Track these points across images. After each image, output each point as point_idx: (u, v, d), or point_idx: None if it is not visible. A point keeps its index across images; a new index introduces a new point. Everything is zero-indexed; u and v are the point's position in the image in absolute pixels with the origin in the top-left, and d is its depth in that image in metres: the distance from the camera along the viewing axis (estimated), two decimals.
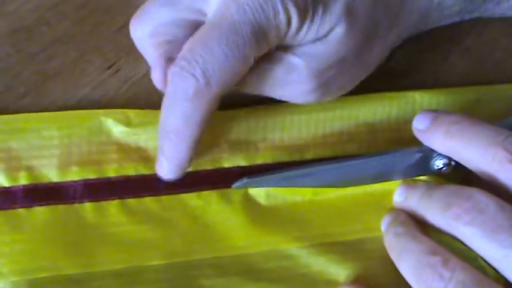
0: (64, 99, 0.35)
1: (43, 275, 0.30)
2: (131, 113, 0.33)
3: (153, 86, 0.36)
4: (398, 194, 0.33)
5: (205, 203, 0.33)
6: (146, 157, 0.33)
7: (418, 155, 0.32)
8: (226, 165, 0.34)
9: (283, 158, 0.35)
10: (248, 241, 0.32)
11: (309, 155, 0.35)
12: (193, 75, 0.27)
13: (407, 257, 0.29)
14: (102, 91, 0.36)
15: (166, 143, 0.29)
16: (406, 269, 0.29)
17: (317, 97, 0.31)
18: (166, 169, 0.30)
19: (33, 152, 0.32)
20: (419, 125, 0.31)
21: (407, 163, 0.33)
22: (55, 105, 0.35)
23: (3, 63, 0.35)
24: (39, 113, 0.33)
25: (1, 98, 0.35)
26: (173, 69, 0.28)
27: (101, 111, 0.33)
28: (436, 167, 0.32)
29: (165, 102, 0.29)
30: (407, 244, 0.29)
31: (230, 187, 0.34)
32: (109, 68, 0.36)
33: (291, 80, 0.30)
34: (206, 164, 0.34)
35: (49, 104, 0.35)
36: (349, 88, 0.33)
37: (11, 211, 0.31)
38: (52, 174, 0.32)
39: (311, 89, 0.30)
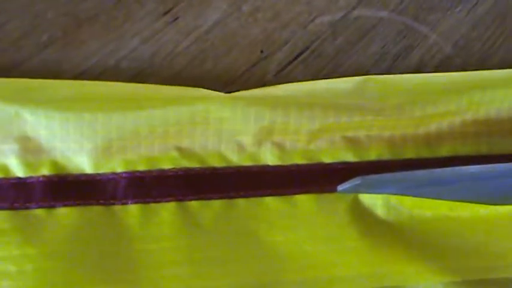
0: (101, 55, 0.26)
1: None
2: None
3: (226, 42, 0.26)
4: None
5: (298, 210, 0.24)
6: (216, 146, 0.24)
7: None
8: (327, 159, 0.24)
9: (407, 153, 0.25)
10: (361, 270, 0.23)
11: (442, 151, 0.25)
12: None
13: None
14: (155, 45, 0.26)
15: None
16: None
17: None
18: None
19: (59, 132, 0.22)
20: None
21: None
22: (88, 62, 0.26)
23: None
24: (67, 81, 0.24)
25: (15, 48, 0.25)
26: None
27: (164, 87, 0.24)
28: None
29: None
30: None
31: (333, 190, 0.24)
32: (165, 14, 0.27)
33: None
34: (298, 157, 0.24)
35: (80, 60, 0.26)
36: None
37: (24, 212, 0.22)
38: (85, 163, 0.23)
39: None
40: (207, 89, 0.25)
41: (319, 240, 0.23)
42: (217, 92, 0.24)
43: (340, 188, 0.24)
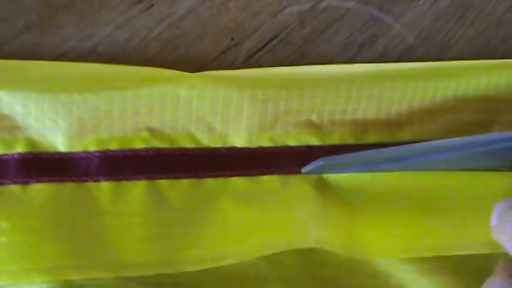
0: (77, 40, 0.27)
1: (38, 279, 0.22)
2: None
3: (198, 29, 0.27)
4: None
5: (263, 190, 0.25)
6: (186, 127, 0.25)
7: None
8: (292, 142, 0.26)
9: (368, 138, 0.26)
10: (308, 238, 0.24)
11: (403, 136, 0.26)
12: None
13: None
14: (129, 32, 0.27)
15: None
16: None
17: None
18: None
19: (34, 111, 0.23)
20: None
21: None
22: (64, 46, 0.27)
23: None
24: (43, 62, 0.25)
25: None
26: None
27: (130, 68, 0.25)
28: None
29: None
30: None
31: (298, 172, 0.25)
32: (140, 1, 0.27)
33: None
34: (265, 140, 0.25)
35: (56, 44, 0.27)
36: None
37: None
38: (59, 142, 0.24)
39: None
40: None
41: (283, 215, 0.24)
42: (187, 73, 0.25)
43: (304, 169, 0.25)
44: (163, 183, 0.24)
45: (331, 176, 0.26)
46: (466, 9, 0.30)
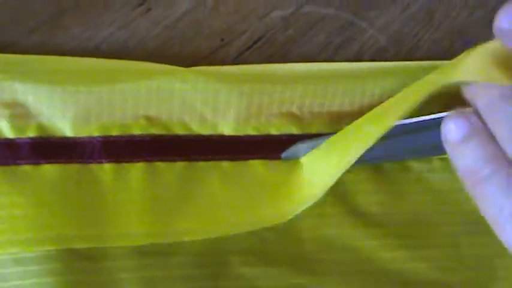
0: (82, 39, 0.29)
1: (47, 247, 0.25)
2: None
3: (191, 31, 0.30)
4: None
5: (248, 172, 0.28)
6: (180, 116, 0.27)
7: None
8: (274, 132, 0.28)
9: (342, 128, 0.29)
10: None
11: None
12: None
13: None
14: (129, 32, 0.30)
15: None
16: None
17: None
18: None
19: (45, 100, 0.26)
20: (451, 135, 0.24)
21: None
22: (70, 44, 0.29)
23: None
24: (53, 57, 0.28)
25: (5, 31, 0.29)
26: None
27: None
28: None
29: None
30: None
31: (278, 157, 0.28)
32: (140, 5, 0.30)
33: None
34: (250, 129, 0.28)
35: (63, 43, 0.29)
36: None
37: (13, 167, 0.26)
38: (66, 128, 0.27)
39: None
40: None
41: (267, 195, 0.27)
42: (181, 68, 0.28)
43: (283, 155, 0.28)
44: (159, 165, 0.27)
45: (305, 159, 0.28)
46: (432, 15, 0.33)
